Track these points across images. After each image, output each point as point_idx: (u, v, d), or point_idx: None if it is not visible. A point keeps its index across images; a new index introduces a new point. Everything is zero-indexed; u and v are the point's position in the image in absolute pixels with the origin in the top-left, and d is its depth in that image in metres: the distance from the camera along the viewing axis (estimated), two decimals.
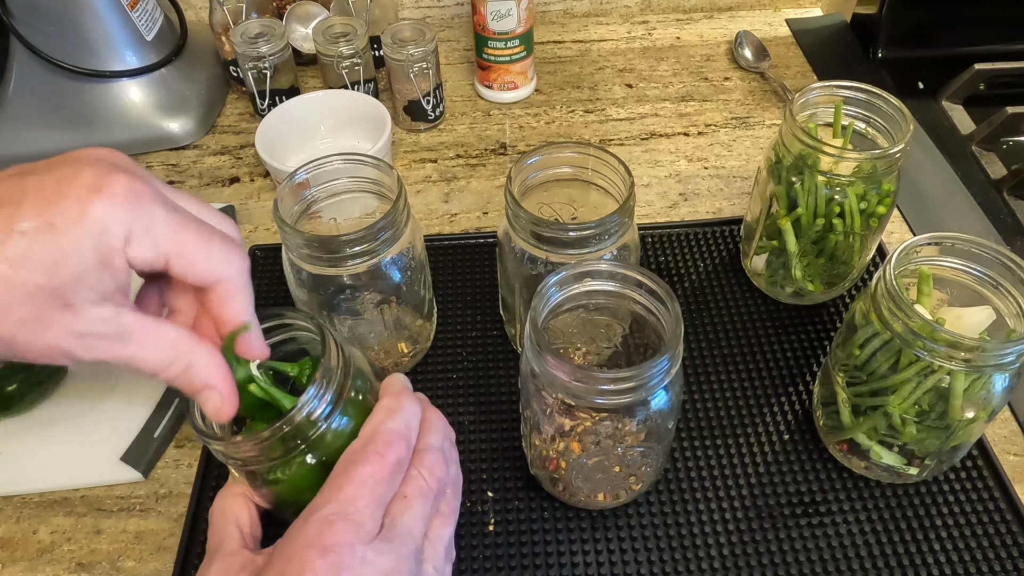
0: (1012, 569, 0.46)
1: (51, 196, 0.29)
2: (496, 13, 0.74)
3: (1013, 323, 0.43)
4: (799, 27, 0.91)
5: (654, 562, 0.47)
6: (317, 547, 0.32)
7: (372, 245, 0.46)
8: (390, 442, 0.36)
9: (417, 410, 0.39)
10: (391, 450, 0.36)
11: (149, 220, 0.31)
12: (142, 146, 0.76)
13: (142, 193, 0.31)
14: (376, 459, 0.35)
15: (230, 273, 0.34)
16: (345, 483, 0.34)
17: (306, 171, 0.48)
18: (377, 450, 0.35)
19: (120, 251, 0.30)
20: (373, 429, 0.37)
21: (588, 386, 0.38)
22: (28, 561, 0.48)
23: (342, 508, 0.33)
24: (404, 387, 0.40)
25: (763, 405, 0.54)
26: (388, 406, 0.38)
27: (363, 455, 0.35)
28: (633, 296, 0.42)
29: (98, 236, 0.30)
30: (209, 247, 0.33)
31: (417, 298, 0.54)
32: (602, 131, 0.78)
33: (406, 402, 0.38)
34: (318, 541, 0.32)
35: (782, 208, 0.54)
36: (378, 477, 0.35)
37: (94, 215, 0.30)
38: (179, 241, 0.32)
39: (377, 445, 0.35)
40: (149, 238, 0.31)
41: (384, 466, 0.35)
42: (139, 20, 0.74)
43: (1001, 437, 0.53)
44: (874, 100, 0.52)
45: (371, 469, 0.35)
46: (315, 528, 0.32)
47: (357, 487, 0.34)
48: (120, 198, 0.30)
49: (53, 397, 0.55)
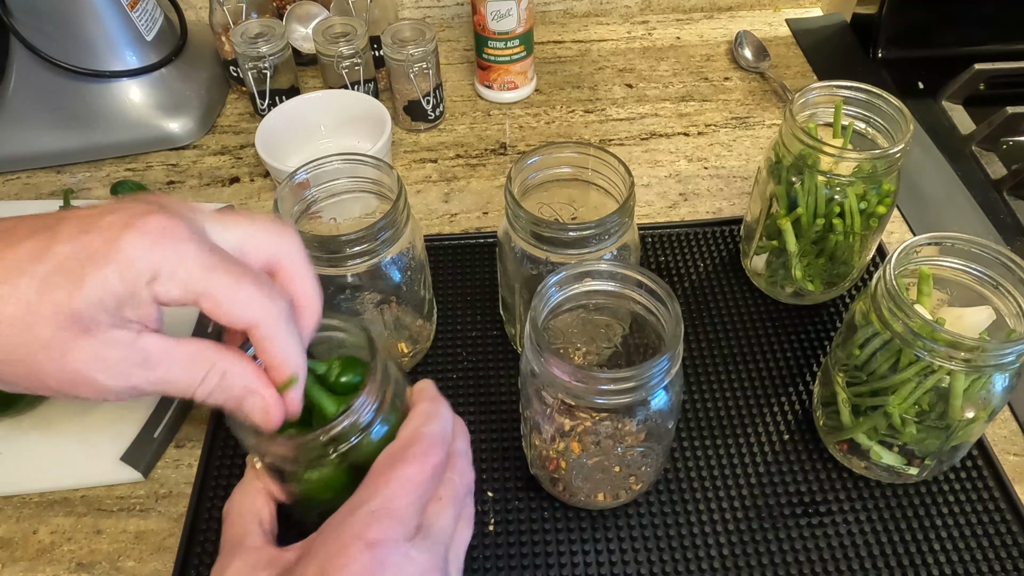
0: (1012, 569, 0.46)
1: (86, 226, 0.30)
2: (496, 13, 0.74)
3: (1013, 323, 0.43)
4: (799, 27, 0.91)
5: (654, 562, 0.47)
6: (363, 539, 0.32)
7: (372, 245, 0.46)
8: (434, 445, 0.36)
9: (451, 416, 0.39)
10: (434, 453, 0.36)
11: (179, 259, 0.31)
12: (142, 146, 0.76)
13: (176, 231, 0.31)
14: (422, 460, 0.35)
15: (259, 318, 0.33)
16: (391, 480, 0.35)
17: (306, 171, 0.48)
18: (423, 451, 0.36)
19: (145, 285, 0.30)
20: (415, 431, 0.37)
21: (588, 386, 0.38)
22: (28, 561, 0.48)
23: (386, 504, 0.34)
24: (438, 395, 0.40)
25: (763, 405, 0.54)
26: (427, 411, 0.38)
27: (408, 455, 0.36)
28: (633, 296, 0.42)
29: (123, 268, 0.30)
30: (237, 291, 0.32)
31: (417, 298, 0.54)
32: (602, 131, 0.78)
33: (443, 408, 0.39)
34: (364, 534, 0.32)
35: (782, 208, 0.54)
36: (421, 478, 0.35)
37: (121, 246, 0.30)
38: (207, 283, 0.32)
39: (423, 447, 0.36)
40: (177, 278, 0.31)
41: (427, 468, 0.35)
42: (139, 20, 0.74)
43: (1001, 437, 0.53)
44: (874, 100, 0.52)
45: (414, 470, 0.35)
46: (361, 521, 0.33)
47: (401, 485, 0.34)
48: (152, 235, 0.30)
49: (53, 397, 0.55)
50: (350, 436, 0.36)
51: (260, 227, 0.35)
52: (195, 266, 0.31)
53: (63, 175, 0.75)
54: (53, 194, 0.73)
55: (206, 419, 0.54)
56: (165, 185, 0.73)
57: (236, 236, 0.34)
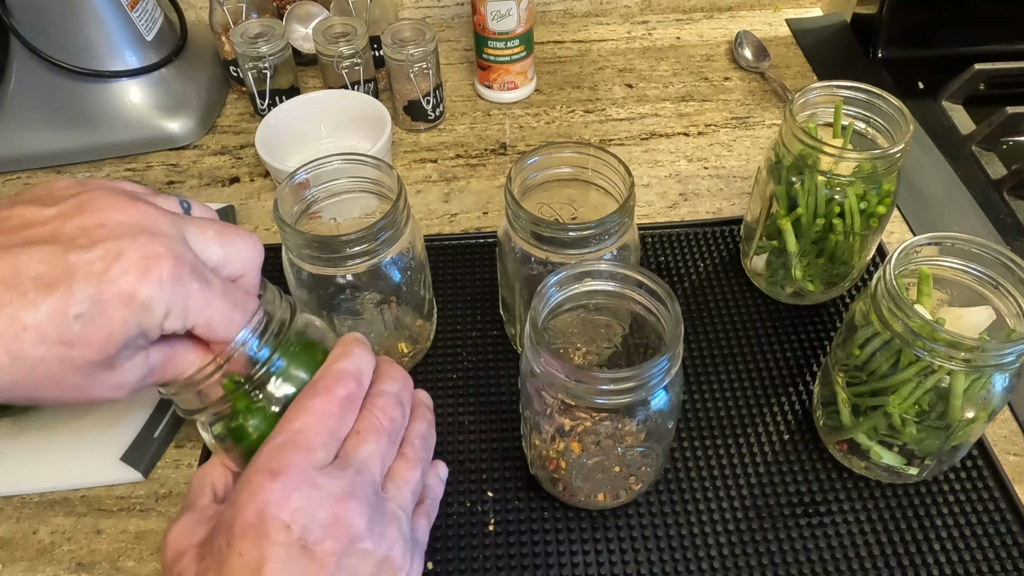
0: (1012, 569, 0.46)
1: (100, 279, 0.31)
2: (496, 13, 0.74)
3: (1013, 323, 0.43)
4: (799, 27, 0.91)
5: (654, 562, 0.47)
6: (266, 471, 0.34)
7: (372, 245, 0.46)
8: (339, 378, 0.38)
9: (369, 357, 0.41)
10: (340, 385, 0.38)
11: (186, 299, 0.34)
12: (142, 146, 0.76)
13: (182, 274, 0.33)
14: (325, 392, 0.37)
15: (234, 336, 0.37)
16: (295, 415, 0.36)
17: (306, 171, 0.48)
18: (327, 385, 0.38)
19: (158, 326, 0.33)
20: (325, 368, 0.39)
21: (588, 386, 0.38)
22: (28, 561, 0.48)
23: (292, 437, 0.35)
24: (357, 339, 0.42)
25: (763, 405, 0.54)
26: (338, 352, 0.40)
27: (313, 389, 0.37)
28: (633, 296, 0.42)
29: (141, 315, 0.32)
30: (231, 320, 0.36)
31: (417, 298, 0.54)
32: (602, 131, 0.78)
33: (356, 349, 0.40)
34: (267, 465, 0.34)
35: (782, 208, 0.54)
36: (327, 409, 0.37)
37: (141, 299, 0.32)
38: (206, 317, 0.35)
39: (327, 381, 0.38)
40: (182, 315, 0.34)
41: (332, 399, 0.37)
42: (139, 20, 0.74)
43: (1001, 437, 0.53)
44: (874, 100, 0.52)
45: (320, 402, 0.37)
46: (267, 454, 0.35)
47: (306, 417, 0.36)
48: (166, 283, 0.33)
49: None
50: (248, 369, 0.37)
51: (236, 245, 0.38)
52: (198, 303, 0.34)
53: (63, 175, 0.75)
54: None
55: None
56: (165, 185, 0.73)
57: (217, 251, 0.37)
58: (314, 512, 0.33)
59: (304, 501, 0.33)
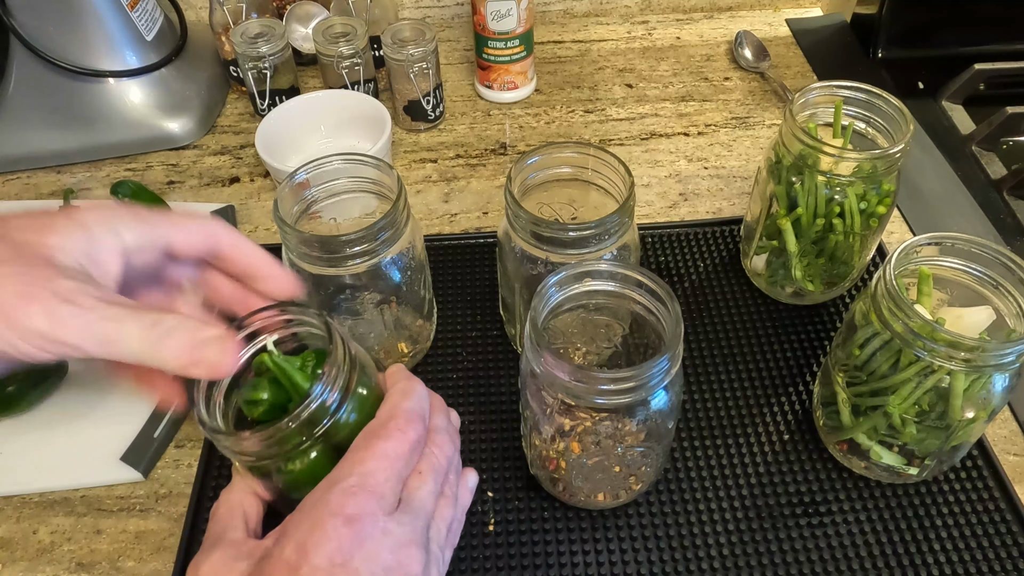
0: (1012, 569, 0.46)
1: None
2: (496, 13, 0.74)
3: (1013, 323, 0.43)
4: (799, 27, 0.91)
5: (654, 562, 0.47)
6: (341, 515, 0.33)
7: (372, 245, 0.46)
8: (411, 420, 0.37)
9: (426, 393, 0.41)
10: (412, 428, 0.37)
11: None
12: (142, 146, 0.76)
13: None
14: (398, 435, 0.36)
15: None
16: (367, 457, 0.35)
17: (306, 171, 0.48)
18: (399, 427, 0.37)
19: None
20: (393, 408, 0.38)
21: (588, 386, 0.38)
22: (28, 561, 0.48)
23: (364, 480, 0.34)
24: (410, 374, 0.41)
25: (763, 405, 0.54)
26: (403, 388, 0.39)
27: (385, 431, 0.37)
28: (633, 296, 0.42)
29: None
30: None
31: (417, 298, 0.54)
32: (602, 131, 0.78)
33: (418, 386, 0.40)
34: (341, 510, 0.33)
35: (782, 208, 0.54)
36: (399, 452, 0.36)
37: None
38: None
39: (399, 422, 0.37)
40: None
41: (405, 442, 0.36)
42: (139, 20, 0.74)
43: (1001, 437, 0.53)
44: (874, 100, 0.52)
45: (392, 444, 0.36)
46: (338, 498, 0.34)
47: (379, 461, 0.35)
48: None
49: (53, 397, 0.55)
50: (320, 420, 0.36)
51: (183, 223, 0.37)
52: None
53: (63, 175, 0.75)
54: (53, 194, 0.73)
55: None
56: (165, 185, 0.73)
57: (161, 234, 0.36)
58: (381, 558, 0.33)
59: (375, 548, 0.33)
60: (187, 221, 0.38)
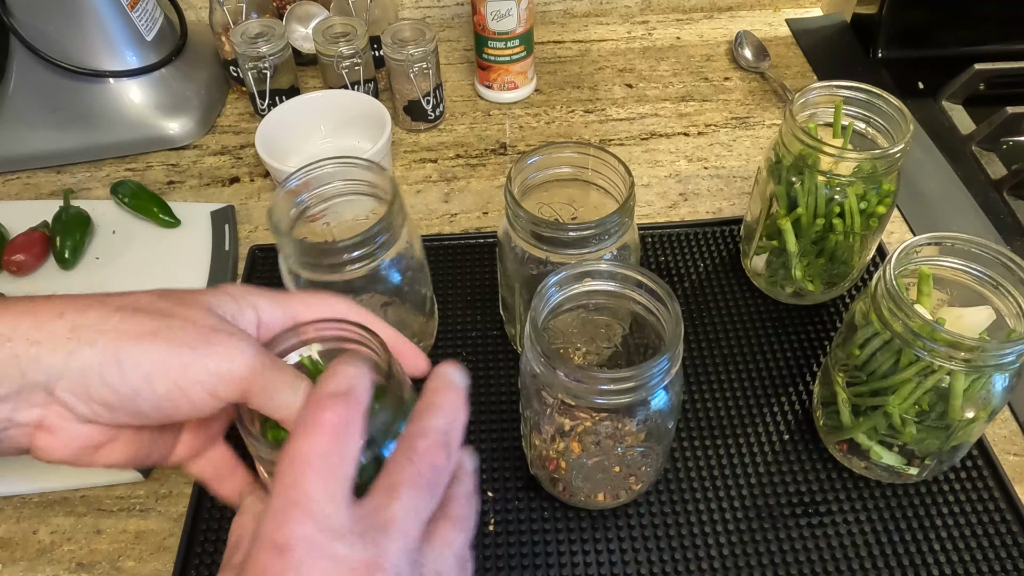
0: (1012, 569, 0.46)
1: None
2: (496, 13, 0.74)
3: (1013, 323, 0.43)
4: (799, 27, 0.91)
5: (654, 562, 0.47)
6: (271, 546, 0.28)
7: (371, 249, 0.46)
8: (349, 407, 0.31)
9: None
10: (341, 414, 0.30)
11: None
12: (142, 146, 0.76)
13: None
14: (323, 433, 0.29)
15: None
16: (295, 471, 0.29)
17: (298, 178, 0.48)
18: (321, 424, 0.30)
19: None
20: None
21: (588, 386, 0.38)
22: (28, 561, 0.48)
23: (295, 498, 0.28)
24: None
25: (763, 405, 0.54)
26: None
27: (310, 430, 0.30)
28: (633, 296, 0.42)
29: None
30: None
31: (419, 297, 0.54)
32: (602, 131, 0.78)
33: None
34: (272, 538, 0.28)
35: (782, 208, 0.54)
36: (326, 452, 0.29)
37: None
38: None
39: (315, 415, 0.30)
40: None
41: (335, 439, 0.29)
42: (139, 20, 0.74)
43: (1001, 437, 0.53)
44: (874, 100, 0.52)
45: (318, 445, 0.29)
46: (270, 524, 0.28)
47: (307, 472, 0.29)
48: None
49: None
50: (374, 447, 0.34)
51: (312, 302, 0.38)
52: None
53: (63, 175, 0.75)
54: (53, 194, 0.73)
55: None
56: (165, 185, 0.73)
57: (291, 313, 0.37)
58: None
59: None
60: (316, 300, 0.38)
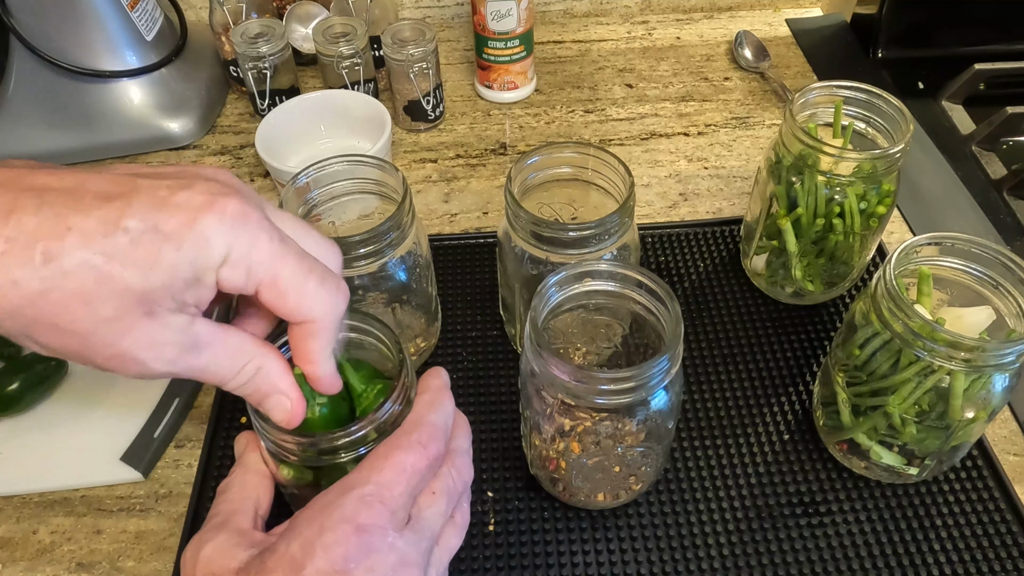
0: (1012, 569, 0.46)
1: (162, 201, 0.29)
2: (496, 13, 0.74)
3: (1013, 323, 0.43)
4: (799, 27, 0.91)
5: (654, 562, 0.47)
6: (353, 523, 0.32)
7: (380, 246, 0.46)
8: (434, 436, 0.36)
9: (452, 409, 0.39)
10: (434, 443, 0.36)
11: (250, 245, 0.31)
12: (142, 146, 0.76)
13: (250, 217, 0.31)
14: (419, 450, 0.35)
15: (317, 315, 0.34)
16: (386, 466, 0.34)
17: (307, 175, 0.48)
18: (421, 441, 0.36)
19: (213, 269, 0.30)
20: (417, 418, 0.37)
21: (588, 386, 0.38)
22: (28, 561, 0.48)
23: (379, 491, 0.34)
24: (444, 383, 0.40)
25: (763, 405, 0.54)
26: (431, 400, 0.38)
27: (407, 443, 0.35)
28: (633, 296, 0.42)
29: (198, 251, 0.30)
30: (304, 284, 0.33)
31: (424, 296, 0.54)
32: (602, 131, 0.78)
33: (446, 400, 0.39)
34: (355, 518, 0.33)
35: (782, 208, 0.54)
36: (417, 467, 0.35)
37: (199, 229, 0.29)
38: (274, 272, 0.32)
39: (421, 436, 0.36)
40: (245, 263, 0.31)
41: (425, 458, 0.35)
42: (139, 20, 0.74)
43: (1001, 437, 0.53)
44: (874, 100, 0.52)
45: (413, 458, 0.35)
46: (353, 504, 0.33)
47: (397, 473, 0.34)
48: (228, 218, 0.30)
49: (53, 397, 0.55)
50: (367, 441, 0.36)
51: (311, 236, 0.36)
52: (264, 254, 0.31)
53: None
54: None
55: (206, 419, 0.54)
56: None
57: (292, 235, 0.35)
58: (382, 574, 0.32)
59: (378, 562, 0.32)
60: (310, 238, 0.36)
